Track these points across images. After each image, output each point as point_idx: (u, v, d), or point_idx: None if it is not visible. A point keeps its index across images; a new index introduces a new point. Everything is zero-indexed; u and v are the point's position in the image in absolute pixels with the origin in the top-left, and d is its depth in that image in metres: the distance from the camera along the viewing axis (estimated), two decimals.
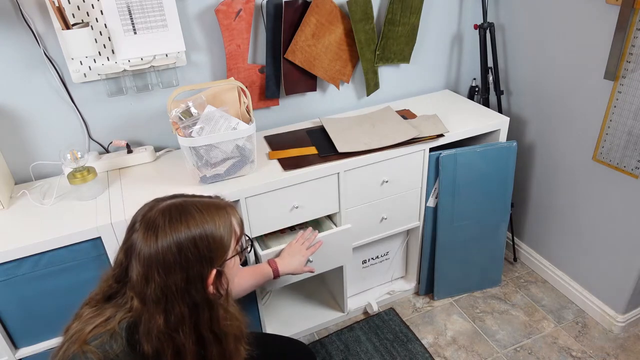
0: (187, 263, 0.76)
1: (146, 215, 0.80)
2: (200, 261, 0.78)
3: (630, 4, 1.38)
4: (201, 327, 0.80)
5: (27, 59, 1.39)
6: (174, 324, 0.77)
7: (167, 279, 0.76)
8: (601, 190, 1.69)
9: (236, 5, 1.51)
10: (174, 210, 0.79)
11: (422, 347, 1.76)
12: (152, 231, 0.77)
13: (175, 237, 0.76)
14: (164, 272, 0.75)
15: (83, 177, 1.35)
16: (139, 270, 0.77)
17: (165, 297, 0.76)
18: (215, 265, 0.80)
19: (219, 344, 0.83)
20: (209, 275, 0.79)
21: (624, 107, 1.51)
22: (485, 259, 1.94)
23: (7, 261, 1.20)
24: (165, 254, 0.75)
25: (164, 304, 0.76)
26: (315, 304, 1.96)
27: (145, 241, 0.76)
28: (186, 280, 0.77)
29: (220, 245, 0.81)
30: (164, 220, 0.78)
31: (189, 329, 0.79)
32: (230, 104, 1.46)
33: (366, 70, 1.83)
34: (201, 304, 0.79)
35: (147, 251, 0.76)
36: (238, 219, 0.88)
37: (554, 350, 1.74)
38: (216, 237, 0.80)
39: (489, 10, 1.92)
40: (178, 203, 0.81)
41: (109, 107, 1.55)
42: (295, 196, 1.50)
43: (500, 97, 1.93)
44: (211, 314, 0.81)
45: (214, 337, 0.82)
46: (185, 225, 0.77)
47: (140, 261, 0.77)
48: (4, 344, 1.29)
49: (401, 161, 1.61)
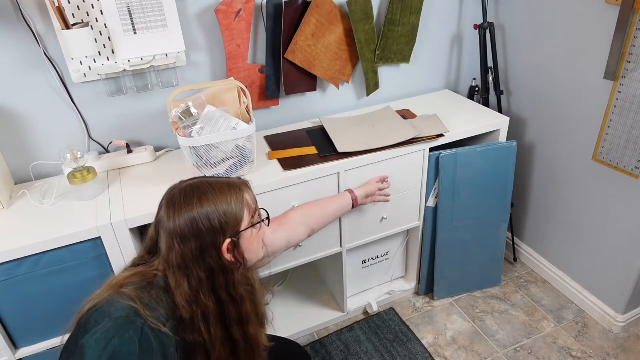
0: (201, 234, 0.88)
1: (169, 194, 0.93)
2: (212, 232, 0.89)
3: (630, 4, 1.38)
4: (218, 289, 0.91)
5: (27, 59, 1.39)
6: (195, 286, 0.88)
7: (184, 247, 0.87)
8: (601, 190, 1.69)
9: (236, 5, 1.52)
10: (189, 188, 0.92)
11: (422, 347, 1.77)
12: (172, 207, 0.90)
13: (189, 210, 0.88)
14: (181, 241, 0.88)
15: (83, 177, 1.35)
16: (164, 241, 0.90)
17: (185, 263, 0.88)
18: (228, 236, 0.91)
19: (235, 305, 0.93)
20: (222, 244, 0.90)
21: (624, 107, 1.51)
22: (485, 259, 1.94)
23: (7, 261, 1.20)
24: (182, 226, 0.87)
25: (185, 269, 0.88)
26: (315, 304, 1.96)
27: (167, 216, 0.89)
28: (200, 249, 0.88)
29: (232, 218, 0.92)
30: (180, 197, 0.90)
31: (207, 291, 0.89)
32: (230, 104, 1.46)
33: (366, 70, 1.83)
34: (216, 269, 0.90)
35: (168, 224, 0.89)
36: (252, 196, 0.99)
37: (554, 350, 1.74)
38: (227, 210, 0.91)
39: (489, 10, 1.92)
40: (194, 182, 0.94)
41: (109, 107, 1.55)
42: (295, 196, 1.50)
43: (500, 97, 1.93)
44: (226, 278, 0.91)
45: (230, 298, 0.92)
46: (198, 200, 0.89)
47: (165, 233, 0.89)
48: (4, 344, 1.29)
49: (401, 161, 1.61)
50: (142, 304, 0.84)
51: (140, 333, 0.80)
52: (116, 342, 0.78)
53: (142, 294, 0.86)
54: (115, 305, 0.83)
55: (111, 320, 0.80)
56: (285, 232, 1.30)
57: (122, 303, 0.83)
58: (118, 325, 0.80)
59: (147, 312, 0.83)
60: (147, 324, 0.82)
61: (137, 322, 0.81)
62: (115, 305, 0.83)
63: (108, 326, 0.79)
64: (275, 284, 2.06)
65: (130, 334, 0.79)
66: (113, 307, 0.83)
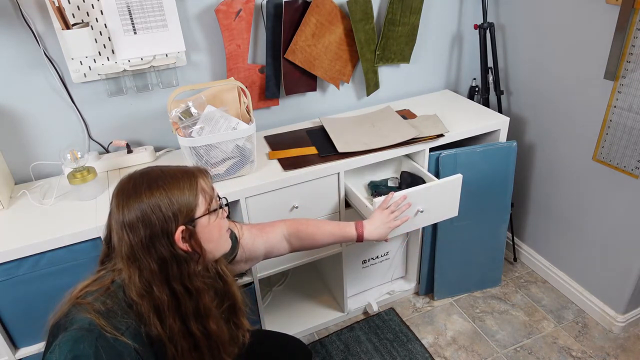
0: (150, 221, 0.84)
1: (119, 184, 0.90)
2: (163, 219, 0.85)
3: (630, 4, 1.38)
4: (172, 280, 0.87)
5: (27, 59, 1.39)
6: (147, 278, 0.85)
7: (133, 237, 0.84)
8: (601, 190, 1.69)
9: (236, 5, 1.52)
10: (139, 177, 0.89)
11: (422, 347, 1.77)
12: (121, 197, 0.86)
13: (138, 198, 0.85)
14: (130, 231, 0.84)
15: (83, 177, 1.35)
16: (115, 233, 0.87)
17: (134, 254, 0.84)
18: (180, 223, 0.86)
19: (192, 298, 0.89)
20: (174, 232, 0.86)
21: (624, 107, 1.51)
22: (485, 259, 1.94)
23: (7, 261, 1.20)
24: (130, 214, 0.84)
25: (135, 260, 0.84)
26: (315, 304, 1.96)
27: (117, 206, 0.86)
28: (150, 237, 0.84)
29: (185, 205, 0.87)
30: (129, 185, 0.87)
31: (160, 282, 0.86)
32: (230, 104, 1.46)
33: (366, 70, 1.83)
34: (169, 259, 0.86)
35: (117, 215, 0.85)
36: (208, 182, 0.94)
37: (554, 350, 1.74)
38: (179, 197, 0.87)
39: (489, 10, 1.92)
40: (146, 171, 0.91)
41: (109, 107, 1.55)
42: (295, 196, 1.50)
43: (500, 97, 1.93)
44: (180, 269, 0.87)
45: (185, 290, 0.88)
46: (147, 188, 0.86)
47: (115, 224, 0.86)
48: (4, 344, 1.29)
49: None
50: (97, 313, 0.82)
51: (95, 346, 0.79)
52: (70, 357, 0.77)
53: (97, 304, 0.83)
54: (71, 318, 0.82)
55: (66, 334, 0.79)
56: (267, 241, 1.23)
57: (78, 315, 0.82)
58: (72, 338, 0.79)
59: (102, 321, 0.81)
60: (101, 334, 0.80)
61: (90, 335, 0.79)
62: (71, 318, 0.82)
63: (63, 340, 0.79)
64: (275, 284, 2.06)
65: (84, 345, 0.78)
66: (69, 321, 0.82)
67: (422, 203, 1.43)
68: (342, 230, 1.29)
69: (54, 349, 0.78)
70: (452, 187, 1.47)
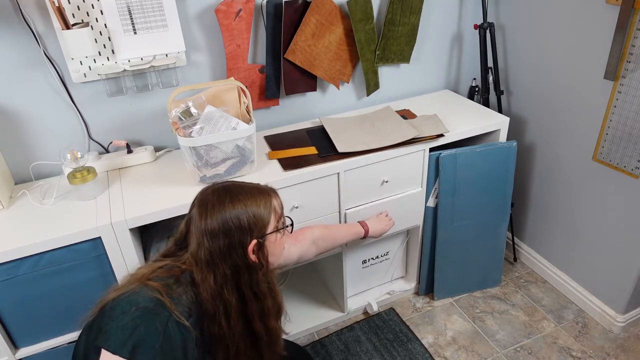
0: (230, 232, 0.92)
1: (202, 194, 0.99)
2: (241, 231, 0.93)
3: (630, 4, 1.38)
4: (242, 286, 0.95)
5: (27, 59, 1.39)
6: (220, 282, 0.93)
7: (213, 244, 0.92)
8: (601, 190, 1.69)
9: (236, 5, 1.52)
10: (222, 190, 0.97)
11: (422, 347, 1.76)
12: (204, 207, 0.94)
13: (221, 209, 0.93)
14: (211, 238, 0.92)
15: (83, 177, 1.35)
16: (194, 238, 0.94)
17: (212, 259, 0.92)
18: (255, 236, 0.95)
19: (258, 301, 0.98)
20: (249, 244, 0.94)
21: (624, 107, 1.51)
22: (485, 259, 1.94)
23: (7, 261, 1.20)
24: (213, 223, 0.92)
25: (212, 265, 0.92)
26: (315, 304, 1.96)
27: (199, 215, 0.94)
28: (228, 246, 0.93)
29: (260, 220, 0.96)
30: (213, 197, 0.95)
31: (231, 287, 0.94)
32: (230, 104, 1.46)
33: (366, 70, 1.83)
34: (242, 267, 0.94)
35: (199, 223, 0.93)
36: (279, 202, 1.04)
37: (554, 350, 1.74)
38: (256, 213, 0.96)
39: (489, 10, 1.92)
40: (227, 185, 0.99)
41: (109, 107, 1.55)
42: (295, 196, 1.50)
43: (500, 97, 1.93)
44: (250, 276, 0.96)
45: (253, 295, 0.97)
46: (229, 201, 0.94)
47: (195, 230, 0.94)
48: (4, 344, 1.29)
49: (401, 161, 1.61)
50: (169, 296, 0.88)
51: (165, 325, 0.84)
52: (142, 331, 0.81)
53: (169, 289, 0.89)
54: (142, 295, 0.86)
55: (138, 310, 0.84)
56: (299, 248, 1.34)
57: (149, 294, 0.87)
58: (145, 315, 0.83)
59: (172, 305, 0.87)
60: (172, 317, 0.85)
61: (162, 314, 0.85)
62: (143, 295, 0.86)
63: (135, 315, 0.83)
64: None
65: (156, 324, 0.83)
66: (140, 297, 0.86)
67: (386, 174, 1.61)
68: (353, 229, 1.53)
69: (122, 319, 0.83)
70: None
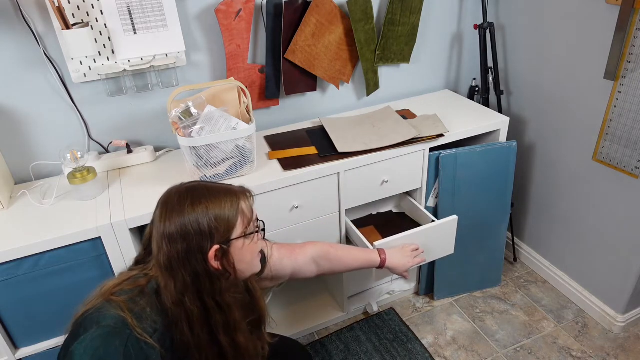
0: (188, 236, 0.87)
1: (166, 194, 0.93)
2: (200, 236, 0.87)
3: (630, 4, 1.38)
4: (204, 294, 0.90)
5: (27, 59, 1.39)
6: (180, 289, 0.88)
7: (171, 249, 0.87)
8: (601, 191, 1.69)
9: (236, 5, 1.52)
10: (185, 191, 0.91)
11: (422, 347, 1.76)
12: (165, 208, 0.89)
13: (180, 212, 0.88)
14: (169, 242, 0.87)
15: (83, 177, 1.35)
16: (155, 241, 0.90)
17: (171, 265, 0.87)
18: (217, 242, 0.89)
19: (222, 313, 0.92)
20: (209, 250, 0.88)
21: (624, 107, 1.51)
22: (485, 259, 1.94)
23: (7, 261, 1.20)
24: (171, 227, 0.87)
25: (171, 271, 0.87)
26: (315, 304, 1.96)
27: (160, 217, 0.89)
28: (187, 251, 0.87)
29: (223, 224, 0.90)
30: (174, 199, 0.90)
31: (192, 294, 0.88)
32: (230, 104, 1.46)
33: (366, 70, 1.83)
34: (202, 274, 0.88)
35: (159, 225, 0.89)
36: (249, 205, 0.96)
37: (554, 350, 1.74)
38: (219, 216, 0.89)
39: (489, 10, 1.92)
40: (192, 186, 0.93)
41: (109, 107, 1.55)
42: (295, 196, 1.50)
43: (500, 97, 1.93)
44: (212, 284, 0.90)
45: (216, 305, 0.91)
46: (190, 204, 0.88)
47: (156, 233, 0.89)
48: (4, 344, 1.29)
49: (401, 161, 1.61)
50: (131, 313, 0.84)
51: (125, 345, 0.81)
52: (101, 352, 0.79)
53: (131, 303, 0.86)
54: (104, 312, 0.84)
55: (99, 329, 0.81)
56: (295, 262, 1.25)
57: (111, 312, 0.83)
58: (105, 335, 0.81)
59: (134, 322, 0.83)
60: (132, 335, 0.82)
61: (123, 332, 0.82)
62: (105, 312, 0.83)
63: (95, 335, 0.81)
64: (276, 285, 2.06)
65: (116, 344, 0.80)
66: (102, 315, 0.83)
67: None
68: (368, 255, 1.36)
69: (83, 340, 0.80)
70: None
